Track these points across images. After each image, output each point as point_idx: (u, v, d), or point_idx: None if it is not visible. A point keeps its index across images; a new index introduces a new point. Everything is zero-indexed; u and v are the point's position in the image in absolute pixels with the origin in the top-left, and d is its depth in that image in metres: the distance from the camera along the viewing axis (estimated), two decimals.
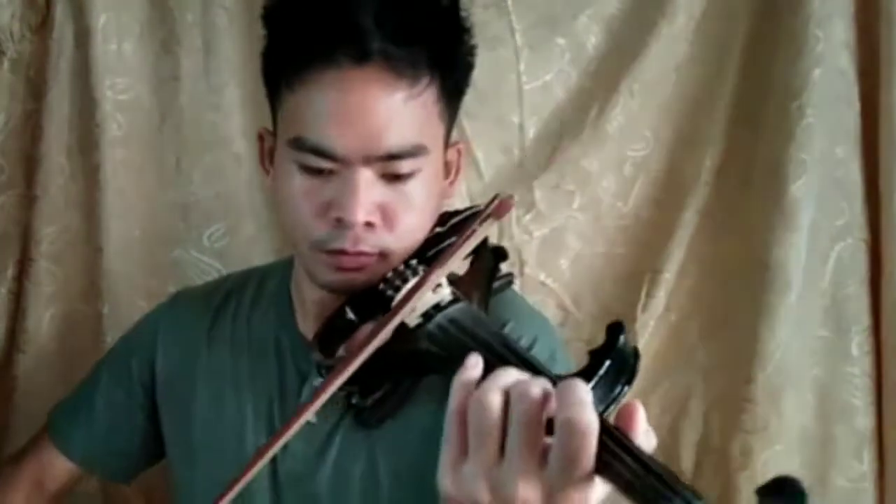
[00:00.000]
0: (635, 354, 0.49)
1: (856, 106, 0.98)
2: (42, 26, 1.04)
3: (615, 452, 0.42)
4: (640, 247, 1.05)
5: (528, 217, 1.03)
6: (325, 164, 0.66)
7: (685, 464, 1.01)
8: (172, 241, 1.06)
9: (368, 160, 0.66)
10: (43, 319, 1.03)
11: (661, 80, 1.03)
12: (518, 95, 1.03)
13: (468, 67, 0.74)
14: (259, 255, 1.05)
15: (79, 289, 1.05)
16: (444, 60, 0.69)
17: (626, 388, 0.48)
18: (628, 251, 1.05)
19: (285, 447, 0.71)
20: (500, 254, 0.74)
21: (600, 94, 1.03)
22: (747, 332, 0.97)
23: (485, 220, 0.64)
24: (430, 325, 0.61)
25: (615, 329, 0.49)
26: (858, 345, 0.98)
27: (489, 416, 0.45)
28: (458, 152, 0.77)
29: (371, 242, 0.67)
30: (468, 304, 0.64)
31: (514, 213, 1.03)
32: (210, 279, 1.04)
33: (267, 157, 0.77)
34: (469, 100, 1.01)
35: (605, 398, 0.47)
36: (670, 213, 1.03)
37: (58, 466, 0.86)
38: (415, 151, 0.67)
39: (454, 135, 0.77)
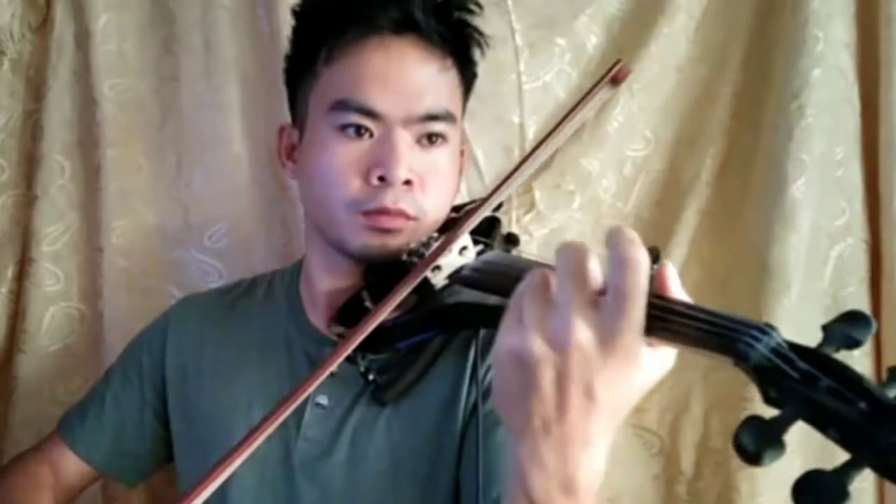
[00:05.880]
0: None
1: (856, 106, 0.98)
2: (42, 26, 1.04)
3: (667, 308, 0.44)
4: None
5: (528, 217, 1.03)
6: (367, 123, 0.71)
7: (685, 464, 1.01)
8: (172, 241, 1.06)
9: (408, 121, 0.71)
10: (43, 319, 1.03)
11: (661, 80, 1.03)
12: (518, 95, 1.03)
13: (474, 74, 0.81)
14: (259, 255, 1.05)
15: (79, 289, 1.05)
16: (464, 51, 0.77)
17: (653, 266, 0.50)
18: None
19: (298, 431, 0.73)
20: (511, 240, 0.78)
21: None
22: None
23: (601, 82, 0.68)
24: (465, 272, 0.64)
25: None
26: None
27: (536, 277, 0.47)
28: (463, 153, 0.82)
29: (409, 202, 0.71)
30: (496, 251, 0.67)
31: (514, 213, 1.03)
32: (210, 279, 1.04)
33: (285, 152, 0.80)
34: (469, 100, 1.03)
35: None
36: (670, 213, 1.03)
37: (67, 464, 0.86)
38: (447, 116, 0.73)
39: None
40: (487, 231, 0.76)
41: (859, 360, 0.98)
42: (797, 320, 0.96)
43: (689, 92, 1.04)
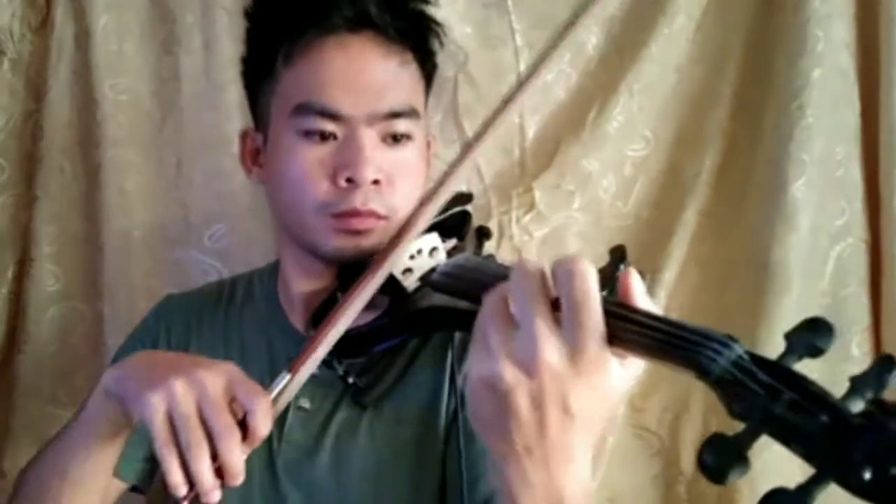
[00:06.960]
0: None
1: (856, 106, 0.98)
2: (42, 26, 1.04)
3: (626, 318, 0.43)
4: (641, 247, 1.05)
5: (528, 217, 1.03)
6: (331, 127, 0.70)
7: (685, 464, 1.01)
8: (172, 241, 1.06)
9: (371, 120, 0.70)
10: (43, 319, 1.03)
11: (661, 80, 1.03)
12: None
13: (434, 65, 0.80)
14: (259, 255, 1.05)
15: (79, 289, 1.05)
16: (422, 43, 0.76)
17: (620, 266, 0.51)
18: (628, 251, 1.05)
19: (281, 434, 0.72)
20: (483, 233, 0.77)
21: (600, 94, 1.03)
22: (747, 333, 0.97)
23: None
24: (435, 276, 0.64)
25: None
26: (858, 345, 0.98)
27: (494, 298, 0.47)
28: (429, 145, 0.81)
29: (378, 202, 0.70)
30: (466, 254, 0.66)
31: (514, 213, 1.03)
32: (210, 279, 1.04)
33: (249, 156, 0.79)
34: (469, 100, 1.03)
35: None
36: (670, 213, 1.03)
37: None
38: (411, 112, 0.72)
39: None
40: (459, 227, 0.76)
41: (859, 360, 0.98)
42: (797, 320, 0.96)
43: (688, 92, 1.04)
